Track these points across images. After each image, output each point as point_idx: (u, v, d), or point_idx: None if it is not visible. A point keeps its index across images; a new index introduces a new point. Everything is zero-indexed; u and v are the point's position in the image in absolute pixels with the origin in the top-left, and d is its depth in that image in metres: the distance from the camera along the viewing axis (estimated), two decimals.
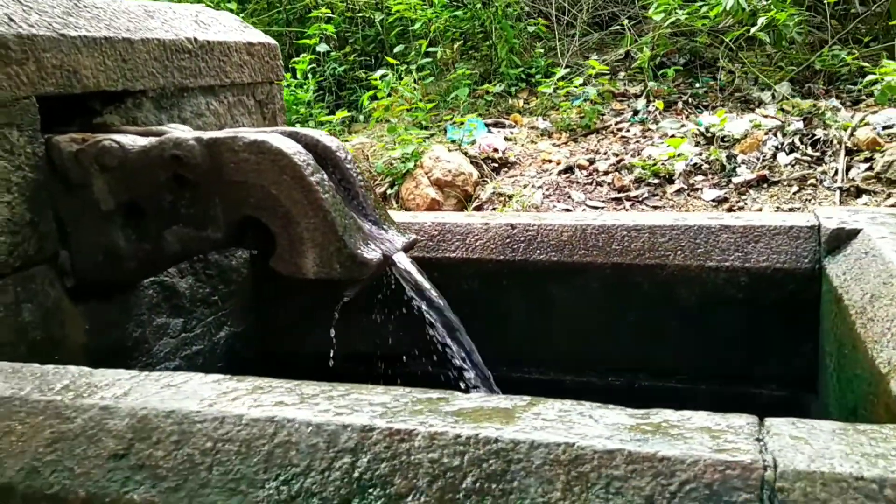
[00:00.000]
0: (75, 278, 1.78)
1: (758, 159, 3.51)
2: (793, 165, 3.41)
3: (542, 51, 4.68)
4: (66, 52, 1.72)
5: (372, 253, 1.63)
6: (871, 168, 3.17)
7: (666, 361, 2.09)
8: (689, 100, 4.46)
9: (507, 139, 4.25)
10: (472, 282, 2.22)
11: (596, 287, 2.11)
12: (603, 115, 4.34)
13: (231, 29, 2.37)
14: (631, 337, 2.10)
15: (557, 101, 4.46)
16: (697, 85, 4.72)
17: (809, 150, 3.47)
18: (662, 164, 3.57)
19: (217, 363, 2.26)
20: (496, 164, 3.93)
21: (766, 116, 3.83)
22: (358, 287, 1.70)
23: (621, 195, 3.55)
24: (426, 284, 1.76)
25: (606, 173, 3.78)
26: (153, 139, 1.68)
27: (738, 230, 2.00)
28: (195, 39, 2.14)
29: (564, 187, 3.73)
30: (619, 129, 4.21)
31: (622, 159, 3.83)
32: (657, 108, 4.29)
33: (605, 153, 3.96)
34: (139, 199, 1.70)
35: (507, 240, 2.19)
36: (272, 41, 2.51)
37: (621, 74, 4.71)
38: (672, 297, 2.04)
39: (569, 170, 3.87)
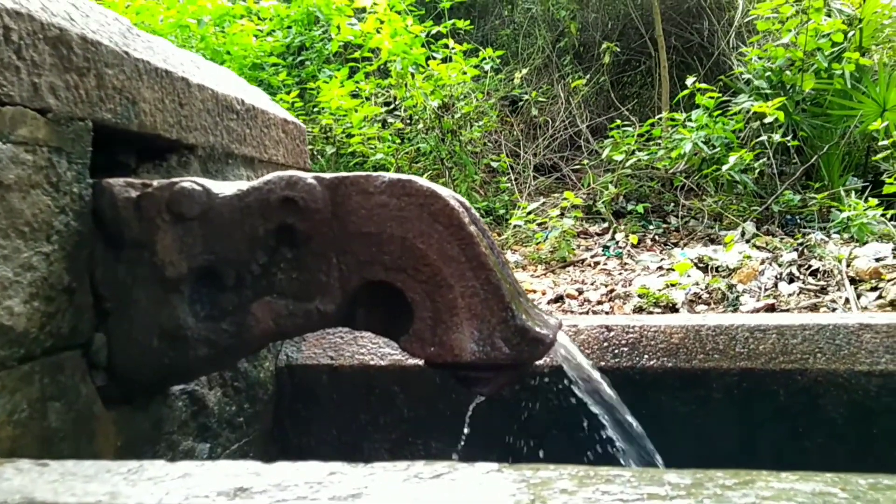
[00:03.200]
0: (110, 373, 1.29)
1: (759, 288, 3.39)
2: (798, 294, 3.31)
3: (507, 185, 4.57)
4: (129, 76, 1.34)
5: (543, 327, 1.26)
6: (881, 297, 3.10)
7: None
8: (657, 237, 4.40)
9: None
10: (565, 394, 1.85)
11: (720, 398, 1.78)
12: (572, 248, 4.18)
13: (264, 101, 2.03)
14: (766, 458, 1.76)
15: (524, 236, 4.29)
16: (651, 227, 4.70)
17: (811, 280, 3.40)
18: (660, 291, 3.38)
19: None
20: None
21: (757, 248, 3.78)
22: (505, 380, 1.31)
23: None
24: (594, 373, 1.39)
25: (600, 303, 3.55)
26: (249, 182, 1.28)
27: (881, 329, 1.76)
28: (242, 101, 1.78)
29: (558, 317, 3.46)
30: (597, 263, 4.05)
31: (613, 289, 3.63)
32: (630, 243, 4.18)
33: (592, 283, 3.76)
34: (222, 262, 1.27)
35: (605, 343, 1.86)
36: (301, 124, 2.18)
37: (575, 213, 4.64)
38: (815, 408, 1.74)
39: (559, 299, 3.62)
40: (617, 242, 4.24)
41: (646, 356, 1.83)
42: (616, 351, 1.84)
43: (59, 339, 1.18)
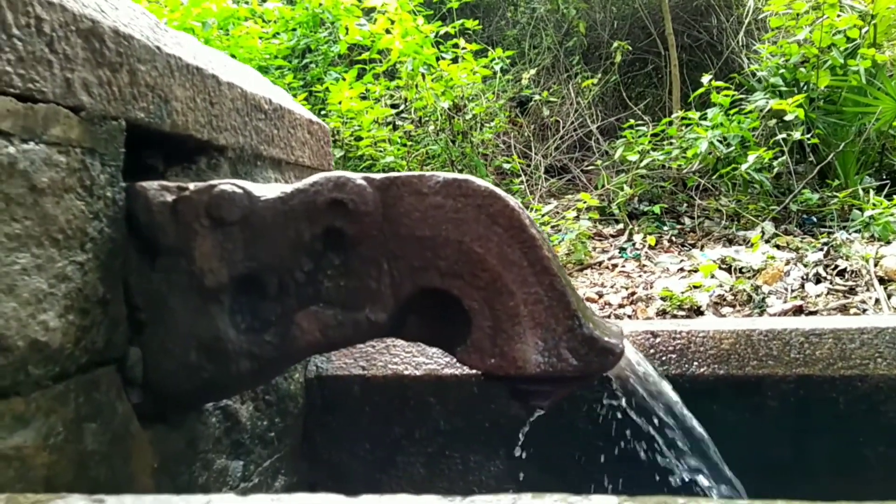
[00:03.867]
0: (145, 389, 1.20)
1: (785, 290, 3.32)
2: (826, 295, 3.24)
3: (520, 187, 4.49)
4: (161, 72, 1.26)
5: (611, 336, 1.18)
6: None
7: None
8: (673, 238, 4.32)
9: None
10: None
11: (775, 406, 1.70)
12: (589, 251, 4.10)
13: (289, 101, 1.95)
14: (823, 468, 1.69)
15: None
16: (665, 228, 4.62)
17: (839, 280, 3.33)
18: (684, 294, 3.31)
19: None
20: None
21: (778, 248, 3.71)
22: (565, 392, 1.23)
23: None
24: (665, 386, 1.31)
25: (621, 306, 3.47)
26: (297, 183, 1.20)
27: None
28: (270, 101, 1.70)
29: None
30: (615, 265, 3.97)
31: (634, 292, 3.55)
32: (647, 245, 4.10)
33: (611, 286, 3.68)
34: (264, 269, 1.19)
35: (651, 350, 1.78)
36: (325, 125, 2.10)
37: (591, 215, 4.56)
38: (876, 415, 1.66)
39: None
40: (634, 244, 4.17)
41: (695, 363, 1.75)
42: (663, 358, 1.76)
43: (93, 355, 1.09)
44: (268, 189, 1.21)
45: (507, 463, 1.79)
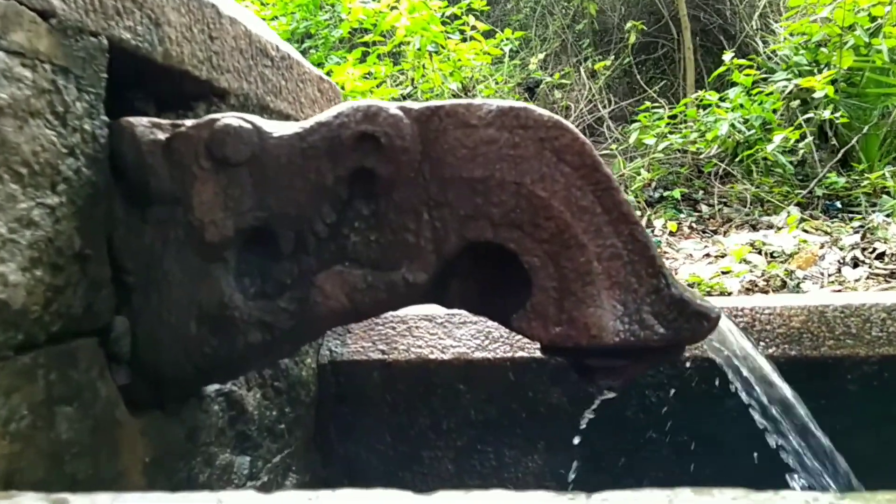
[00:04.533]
0: (135, 367, 0.99)
1: (821, 274, 3.12)
2: (865, 279, 3.03)
3: None
4: None
5: (704, 301, 0.97)
6: None
7: None
8: (693, 224, 4.12)
9: None
10: (663, 390, 1.56)
11: (855, 390, 1.50)
12: None
13: (297, 54, 1.74)
14: None
15: None
16: (683, 214, 4.42)
17: (878, 264, 3.12)
18: (713, 280, 3.10)
19: None
20: None
21: (806, 232, 3.51)
22: (643, 369, 1.02)
23: None
24: (766, 364, 1.10)
25: None
26: (318, 116, 0.99)
27: None
28: (277, 47, 1.49)
29: None
30: None
31: None
32: (667, 231, 3.90)
33: None
34: (278, 221, 0.98)
35: None
36: (335, 84, 1.89)
37: None
38: None
39: None
40: (653, 230, 3.96)
41: (762, 343, 1.54)
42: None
43: (69, 322, 0.88)
44: (281, 125, 1.00)
45: (546, 457, 1.58)
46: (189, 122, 1.00)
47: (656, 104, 4.59)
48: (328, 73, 4.34)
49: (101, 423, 0.91)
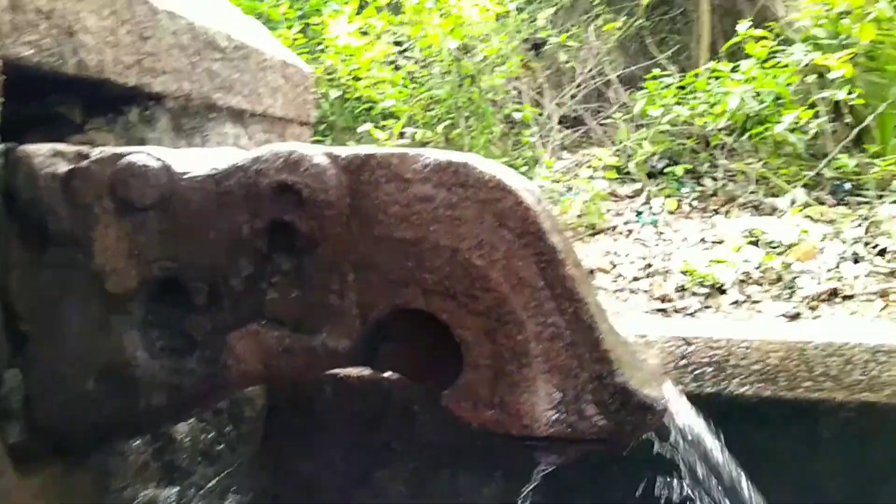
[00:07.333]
0: (30, 425, 0.90)
1: (819, 269, 3.01)
2: (865, 277, 2.92)
3: (530, 139, 4.13)
4: None
5: (653, 387, 0.87)
6: None
7: None
8: (694, 203, 3.98)
9: None
10: None
11: (830, 438, 1.41)
12: (602, 213, 3.77)
13: (261, 36, 1.61)
14: None
15: (549, 197, 3.87)
16: (686, 190, 4.27)
17: (879, 261, 3.01)
18: (706, 269, 3.00)
19: None
20: None
21: (810, 220, 3.39)
22: (586, 451, 0.93)
23: (665, 306, 2.96)
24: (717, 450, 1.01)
25: (636, 279, 3.17)
26: (232, 155, 0.88)
27: None
28: (230, 37, 1.37)
29: None
30: (630, 231, 3.65)
31: (650, 264, 3.24)
32: (665, 209, 3.77)
33: (626, 256, 3.37)
34: (189, 272, 0.88)
35: (683, 361, 1.48)
36: (306, 66, 1.76)
37: (607, 174, 4.20)
38: None
39: (589, 273, 3.23)
40: (651, 208, 3.83)
41: (735, 380, 1.45)
42: (697, 372, 1.46)
43: None
44: (197, 161, 0.89)
45: (504, 486, 1.51)
46: (94, 154, 0.89)
47: (665, 72, 4.39)
48: (322, 24, 4.17)
49: None
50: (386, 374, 1.50)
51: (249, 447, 1.49)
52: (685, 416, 0.94)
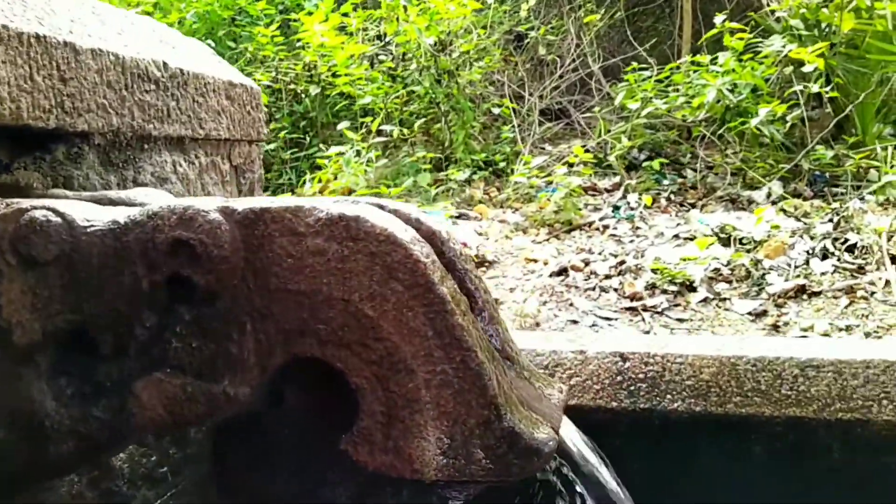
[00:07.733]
0: None
1: (788, 265, 3.02)
2: (832, 274, 2.94)
3: (509, 135, 4.13)
4: None
5: (542, 430, 0.90)
6: None
7: None
8: (672, 196, 4.00)
9: (477, 233, 3.63)
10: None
11: (760, 452, 1.44)
12: (579, 209, 3.79)
13: (204, 59, 1.62)
14: None
15: (527, 193, 3.89)
16: (666, 182, 4.28)
17: (847, 257, 3.02)
18: (676, 267, 3.02)
19: None
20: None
21: (785, 213, 3.40)
22: (482, 489, 0.96)
23: (635, 304, 2.98)
24: (612, 483, 1.04)
25: (608, 277, 3.19)
26: (131, 211, 0.90)
27: None
28: (164, 65, 1.38)
29: (562, 293, 3.11)
30: (606, 227, 3.67)
31: (623, 261, 3.26)
32: (642, 204, 3.79)
33: (599, 253, 3.39)
34: (94, 323, 0.90)
35: (619, 377, 1.51)
36: (254, 85, 1.77)
37: (584, 170, 4.20)
38: (882, 469, 1.40)
39: (563, 272, 3.25)
40: (629, 203, 3.85)
41: (668, 396, 1.48)
42: (632, 388, 1.49)
43: None
44: (99, 215, 0.91)
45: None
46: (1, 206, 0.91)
47: (644, 65, 4.39)
48: (299, 23, 4.16)
49: None
50: None
51: (197, 466, 1.52)
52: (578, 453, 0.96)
